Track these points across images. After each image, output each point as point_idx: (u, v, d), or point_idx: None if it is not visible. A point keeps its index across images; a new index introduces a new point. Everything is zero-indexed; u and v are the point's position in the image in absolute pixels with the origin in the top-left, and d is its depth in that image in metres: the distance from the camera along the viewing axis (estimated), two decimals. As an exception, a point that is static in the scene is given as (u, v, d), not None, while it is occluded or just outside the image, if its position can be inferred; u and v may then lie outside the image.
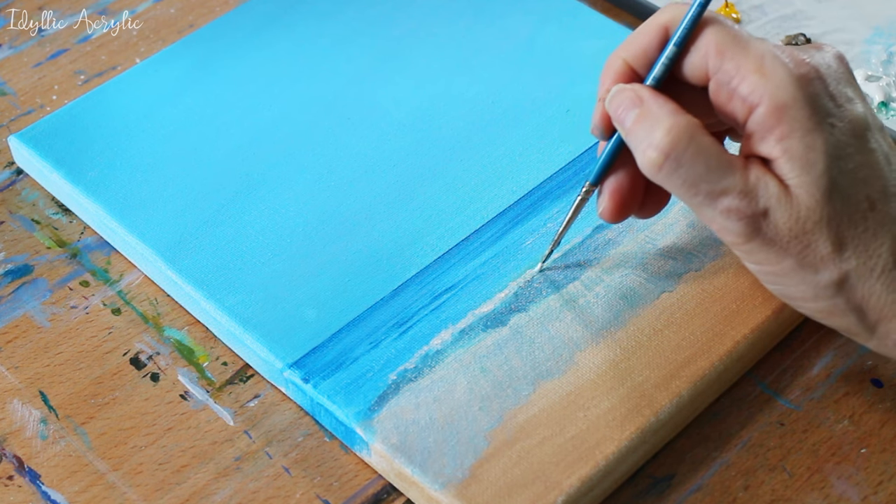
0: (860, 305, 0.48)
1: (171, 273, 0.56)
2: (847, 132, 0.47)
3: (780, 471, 0.51)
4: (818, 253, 0.47)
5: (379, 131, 0.62)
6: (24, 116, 0.66)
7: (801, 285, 0.48)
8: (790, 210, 0.46)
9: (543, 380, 0.52)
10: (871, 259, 0.47)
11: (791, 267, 0.47)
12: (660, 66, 0.49)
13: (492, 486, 0.49)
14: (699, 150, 0.47)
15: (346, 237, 0.57)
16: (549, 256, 0.56)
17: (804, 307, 0.49)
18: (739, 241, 0.48)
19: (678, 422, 0.52)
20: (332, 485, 0.51)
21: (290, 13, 0.68)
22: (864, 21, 0.68)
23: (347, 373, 0.52)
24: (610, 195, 0.52)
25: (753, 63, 0.47)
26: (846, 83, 0.48)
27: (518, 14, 0.67)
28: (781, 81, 0.46)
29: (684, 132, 0.47)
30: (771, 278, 0.49)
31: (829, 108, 0.47)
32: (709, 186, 0.47)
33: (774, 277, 0.49)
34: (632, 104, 0.48)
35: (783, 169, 0.46)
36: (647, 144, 0.47)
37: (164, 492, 0.51)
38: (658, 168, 0.47)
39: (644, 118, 0.48)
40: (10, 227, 0.61)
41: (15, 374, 0.55)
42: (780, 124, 0.46)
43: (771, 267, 0.48)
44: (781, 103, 0.46)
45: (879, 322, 0.48)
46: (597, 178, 0.52)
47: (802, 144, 0.46)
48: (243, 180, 0.60)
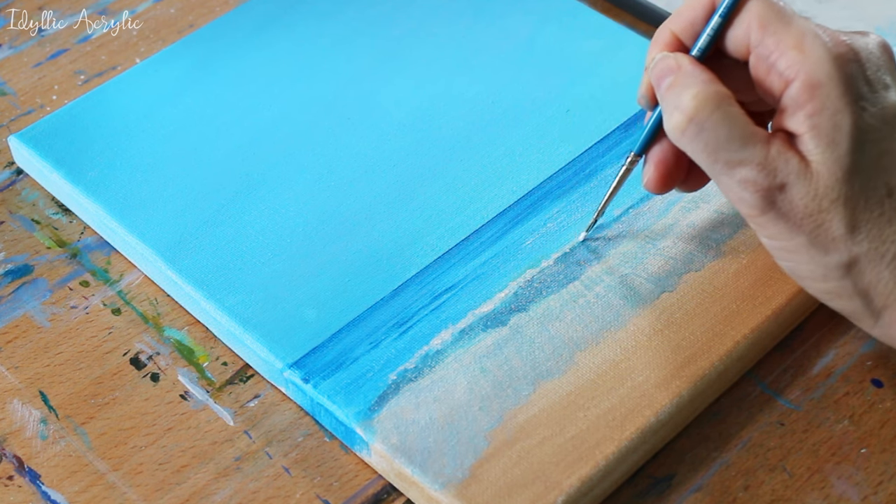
0: (867, 290, 0.48)
1: (171, 273, 0.56)
2: (878, 118, 0.47)
3: (780, 471, 0.51)
4: (831, 233, 0.47)
5: (379, 131, 0.62)
6: (24, 116, 0.66)
7: (810, 264, 0.48)
8: (808, 186, 0.47)
9: (543, 380, 0.52)
10: (884, 245, 0.47)
11: (803, 244, 0.48)
12: (704, 37, 0.50)
13: (492, 486, 0.49)
14: (723, 117, 0.47)
15: (346, 237, 0.57)
16: (593, 226, 0.56)
17: (812, 287, 0.50)
18: (754, 213, 0.48)
19: (678, 422, 0.52)
20: (332, 485, 0.51)
21: (290, 13, 0.68)
22: (865, 21, 0.68)
23: (347, 373, 0.52)
24: (655, 165, 0.52)
25: (794, 39, 0.47)
26: (886, 71, 0.48)
27: (518, 14, 0.67)
28: (819, 59, 0.46)
29: (711, 98, 0.48)
30: (782, 254, 0.49)
31: (864, 92, 0.47)
32: (728, 155, 0.47)
33: (786, 254, 0.49)
34: (669, 71, 0.49)
35: (808, 145, 0.47)
36: (673, 107, 0.48)
37: (164, 492, 0.51)
38: (681, 131, 0.48)
39: (676, 84, 0.49)
40: (10, 227, 0.61)
41: (15, 374, 0.55)
42: (812, 101, 0.47)
43: (783, 242, 0.48)
44: (816, 80, 0.46)
45: (885, 309, 0.48)
46: (641, 148, 0.53)
47: (830, 123, 0.46)
48: (243, 180, 0.60)
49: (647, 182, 0.53)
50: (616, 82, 0.63)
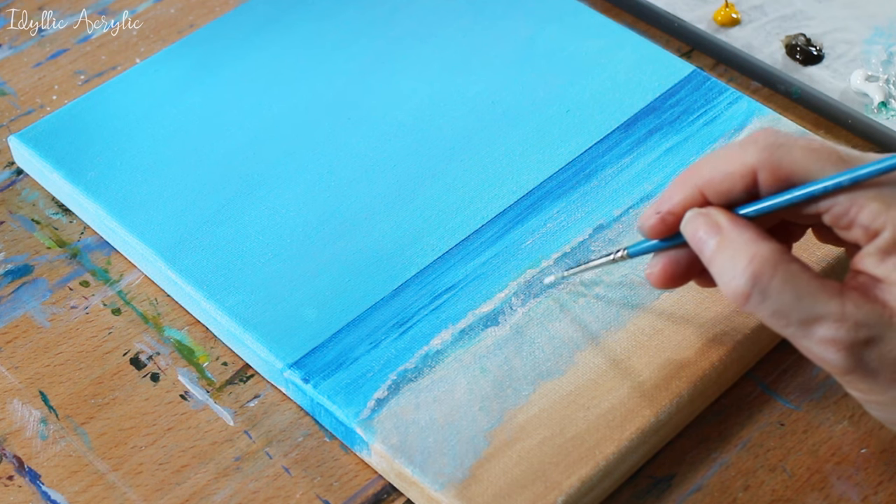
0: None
1: (171, 273, 0.56)
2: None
3: (780, 471, 0.51)
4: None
5: (379, 131, 0.62)
6: (24, 116, 0.66)
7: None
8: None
9: (543, 380, 0.52)
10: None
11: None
12: (758, 211, 0.46)
13: (492, 487, 0.49)
14: (786, 278, 0.44)
15: (346, 237, 0.57)
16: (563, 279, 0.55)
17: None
18: (839, 372, 0.45)
19: (678, 422, 0.52)
20: (332, 485, 0.51)
21: (290, 13, 0.68)
22: (864, 21, 0.68)
23: (347, 373, 0.52)
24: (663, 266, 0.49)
25: (870, 191, 0.44)
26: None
27: (518, 14, 0.67)
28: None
29: (768, 261, 0.44)
30: (874, 406, 0.46)
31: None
32: (800, 315, 0.44)
33: (880, 406, 0.46)
34: (711, 231, 0.46)
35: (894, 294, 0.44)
36: (730, 276, 0.45)
37: (164, 492, 0.51)
38: (745, 299, 0.45)
39: (725, 247, 0.45)
40: (10, 227, 0.61)
41: (15, 374, 0.55)
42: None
43: (876, 397, 0.45)
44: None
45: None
46: (636, 255, 0.51)
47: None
48: (243, 180, 0.60)
49: (649, 275, 0.49)
50: (616, 82, 0.63)
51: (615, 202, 0.58)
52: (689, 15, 0.68)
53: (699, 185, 0.47)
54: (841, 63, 0.66)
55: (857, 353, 0.44)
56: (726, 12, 0.68)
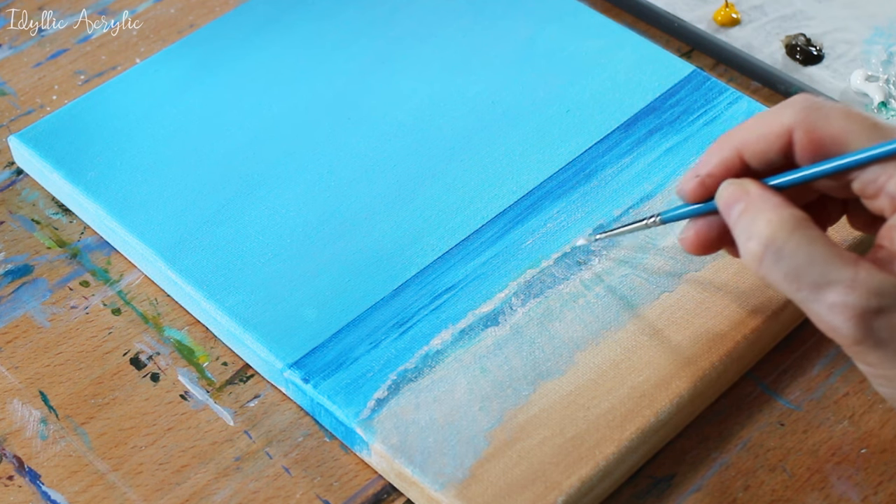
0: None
1: (171, 273, 0.56)
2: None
3: (780, 471, 0.51)
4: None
5: (379, 131, 0.62)
6: (24, 116, 0.66)
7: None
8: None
9: (543, 380, 0.52)
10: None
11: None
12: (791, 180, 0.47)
13: (492, 487, 0.49)
14: (802, 241, 0.44)
15: (346, 237, 0.57)
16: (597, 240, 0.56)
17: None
18: (848, 342, 0.44)
19: (678, 422, 0.52)
20: (333, 485, 0.51)
21: (290, 13, 0.68)
22: (864, 21, 0.68)
23: (347, 373, 0.52)
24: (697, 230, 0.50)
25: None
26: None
27: (518, 14, 0.67)
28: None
29: (786, 223, 0.45)
30: (882, 381, 0.46)
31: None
32: (812, 278, 0.44)
33: (886, 381, 0.45)
34: (738, 198, 0.47)
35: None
36: (747, 236, 0.45)
37: (164, 492, 0.51)
38: (759, 260, 0.45)
39: (748, 210, 0.46)
40: (10, 227, 0.61)
41: (15, 374, 0.55)
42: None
43: (884, 371, 0.45)
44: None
45: None
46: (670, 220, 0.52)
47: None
48: (243, 180, 0.60)
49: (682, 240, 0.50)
50: (616, 82, 0.63)
51: (615, 202, 0.58)
52: (689, 15, 0.68)
53: (737, 147, 0.48)
54: (841, 63, 0.66)
55: (867, 322, 0.43)
56: (726, 12, 0.68)
